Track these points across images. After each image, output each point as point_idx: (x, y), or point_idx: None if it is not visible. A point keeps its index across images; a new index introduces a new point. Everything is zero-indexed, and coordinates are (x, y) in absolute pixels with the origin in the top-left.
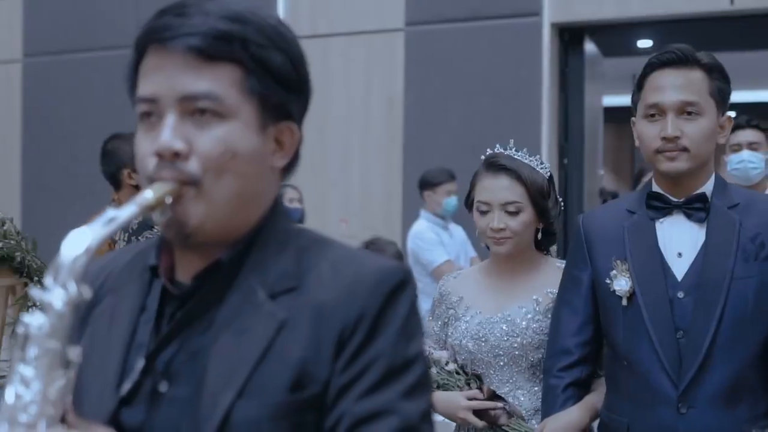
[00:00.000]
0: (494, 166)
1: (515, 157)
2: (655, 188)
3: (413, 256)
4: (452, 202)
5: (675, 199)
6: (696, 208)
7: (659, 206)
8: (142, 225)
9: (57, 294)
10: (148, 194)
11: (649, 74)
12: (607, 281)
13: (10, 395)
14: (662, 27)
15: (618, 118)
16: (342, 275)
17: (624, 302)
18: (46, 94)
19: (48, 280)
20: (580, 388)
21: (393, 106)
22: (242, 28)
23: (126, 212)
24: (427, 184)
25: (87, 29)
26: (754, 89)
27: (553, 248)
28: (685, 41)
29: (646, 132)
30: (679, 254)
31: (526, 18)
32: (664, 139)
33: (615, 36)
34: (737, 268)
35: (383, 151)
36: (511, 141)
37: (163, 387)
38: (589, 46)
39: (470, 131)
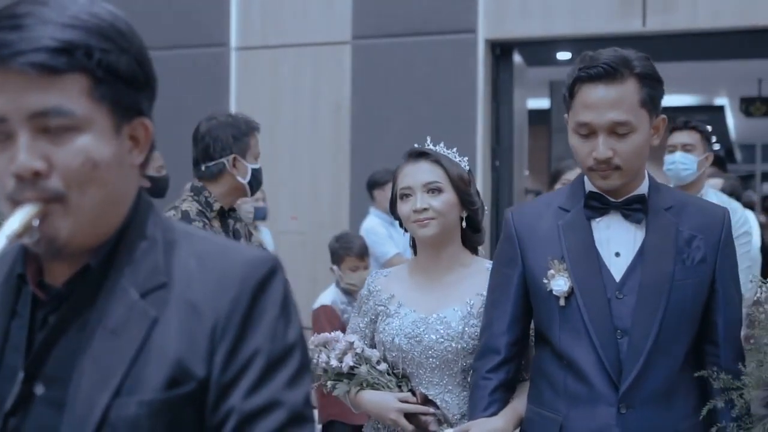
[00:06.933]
0: (414, 154)
1: (434, 148)
2: (593, 188)
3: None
4: None
5: (614, 200)
6: (635, 209)
7: (597, 206)
8: (200, 213)
9: None
10: (13, 224)
11: (578, 87)
12: (544, 281)
13: None
14: (581, 43)
15: (536, 120)
16: (209, 270)
17: (561, 302)
18: None
19: None
20: (507, 391)
21: (340, 112)
22: (84, 35)
23: None
24: (375, 183)
25: None
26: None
27: (482, 250)
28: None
29: (579, 149)
30: (617, 254)
31: (463, 34)
32: (596, 159)
33: (539, 49)
34: (677, 271)
35: (331, 154)
36: (428, 138)
37: (39, 390)
38: (516, 58)
39: (412, 136)
